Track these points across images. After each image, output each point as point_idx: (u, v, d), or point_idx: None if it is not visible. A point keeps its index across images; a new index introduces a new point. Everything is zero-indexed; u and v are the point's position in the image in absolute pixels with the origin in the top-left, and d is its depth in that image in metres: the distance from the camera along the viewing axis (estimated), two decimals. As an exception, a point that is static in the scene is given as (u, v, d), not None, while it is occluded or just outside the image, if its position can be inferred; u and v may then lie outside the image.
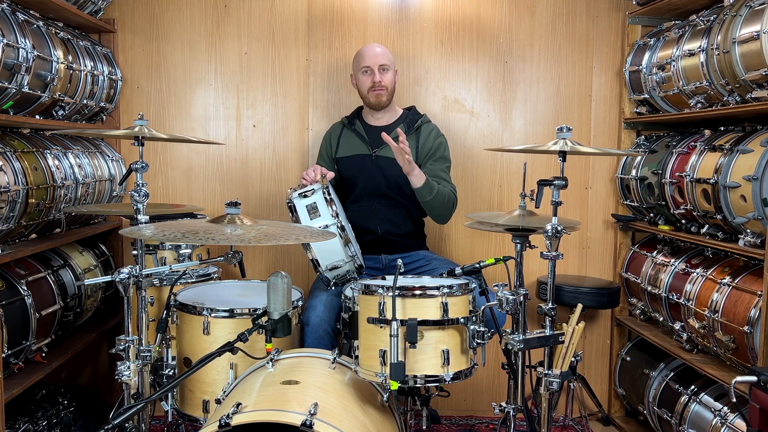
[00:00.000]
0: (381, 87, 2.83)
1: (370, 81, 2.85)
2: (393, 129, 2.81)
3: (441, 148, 2.90)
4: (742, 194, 2.22)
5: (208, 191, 3.32)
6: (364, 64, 2.85)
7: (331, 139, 3.00)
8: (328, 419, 1.71)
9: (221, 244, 1.81)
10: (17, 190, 2.28)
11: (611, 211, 3.34)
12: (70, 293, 2.69)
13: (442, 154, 2.90)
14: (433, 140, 2.89)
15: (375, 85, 2.84)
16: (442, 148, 2.90)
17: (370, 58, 2.84)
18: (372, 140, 2.89)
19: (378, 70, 2.83)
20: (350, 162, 2.90)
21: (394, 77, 2.89)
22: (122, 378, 1.96)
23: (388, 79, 2.85)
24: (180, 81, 3.28)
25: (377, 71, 2.83)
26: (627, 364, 3.19)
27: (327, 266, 2.38)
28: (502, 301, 2.05)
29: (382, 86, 2.84)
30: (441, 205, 2.74)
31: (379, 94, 2.85)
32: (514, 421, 2.28)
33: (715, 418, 2.39)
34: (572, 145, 2.03)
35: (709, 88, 2.51)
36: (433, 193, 2.67)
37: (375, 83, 2.83)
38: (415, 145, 2.86)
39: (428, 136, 2.90)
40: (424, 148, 2.87)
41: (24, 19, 2.38)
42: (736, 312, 2.26)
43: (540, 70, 3.30)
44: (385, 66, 2.84)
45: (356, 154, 2.90)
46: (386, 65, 2.85)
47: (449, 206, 2.78)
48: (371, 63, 2.83)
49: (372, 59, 2.84)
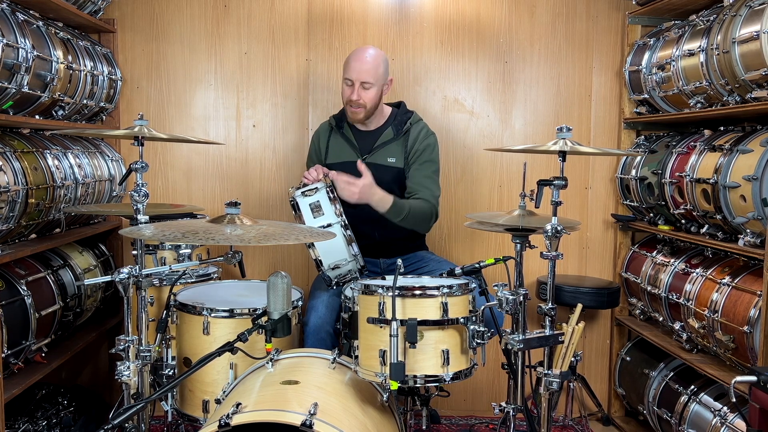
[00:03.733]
0: (358, 105, 2.67)
1: (347, 94, 2.68)
2: (382, 133, 2.80)
3: (428, 150, 2.77)
4: (741, 194, 2.22)
5: (208, 191, 3.32)
6: (346, 74, 2.68)
7: (319, 142, 2.89)
8: (328, 419, 1.71)
9: (221, 244, 1.81)
10: (17, 190, 2.28)
11: (611, 211, 3.34)
12: (70, 293, 2.69)
13: (428, 157, 2.76)
14: (421, 142, 2.77)
15: (351, 102, 2.67)
16: (429, 150, 2.78)
17: (354, 71, 2.65)
18: (362, 146, 2.79)
19: (359, 86, 2.64)
20: (340, 169, 2.65)
21: (378, 94, 2.70)
22: (122, 378, 1.96)
23: (368, 97, 2.66)
24: (180, 81, 3.28)
25: (357, 87, 2.64)
26: (627, 364, 3.19)
27: (329, 265, 2.37)
28: (502, 301, 2.05)
29: (360, 105, 2.67)
30: (415, 223, 2.64)
31: (355, 112, 2.70)
32: (514, 421, 2.28)
33: (714, 418, 2.39)
34: (572, 145, 2.03)
35: (708, 88, 2.51)
36: (402, 214, 2.56)
37: (351, 101, 2.67)
38: (403, 148, 2.76)
39: (416, 137, 2.78)
40: (411, 150, 2.76)
41: (24, 19, 2.38)
42: (735, 312, 2.26)
43: (540, 70, 3.30)
44: (367, 84, 2.65)
45: (346, 161, 2.75)
46: (369, 83, 2.65)
47: (425, 219, 2.67)
48: (354, 77, 2.65)
49: (356, 73, 2.64)
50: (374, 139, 2.80)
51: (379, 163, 2.73)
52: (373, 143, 2.79)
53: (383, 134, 2.80)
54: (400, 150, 2.77)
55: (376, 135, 2.78)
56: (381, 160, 2.74)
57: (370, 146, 2.79)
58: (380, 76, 2.70)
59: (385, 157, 2.75)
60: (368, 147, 2.78)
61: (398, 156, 2.76)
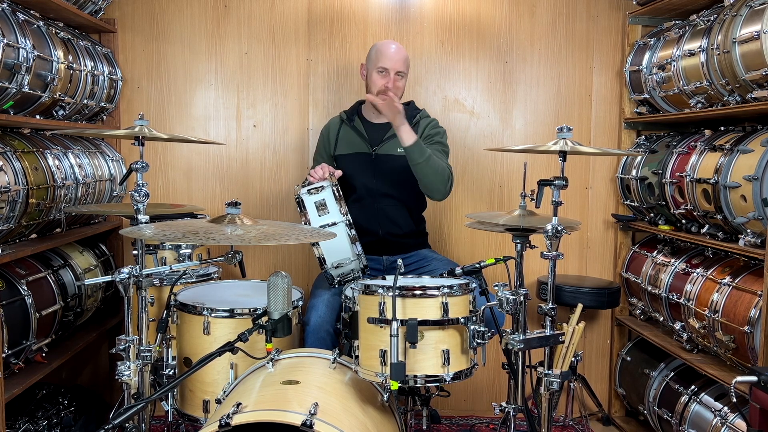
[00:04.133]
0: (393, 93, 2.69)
1: (382, 82, 2.74)
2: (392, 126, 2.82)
3: (439, 134, 2.84)
4: (742, 194, 2.22)
5: (209, 191, 3.32)
6: (381, 64, 2.74)
7: (329, 135, 2.94)
8: (328, 419, 1.71)
9: (221, 244, 1.81)
10: (17, 190, 2.28)
11: (611, 211, 3.34)
12: (70, 293, 2.69)
13: (440, 139, 2.83)
14: (432, 128, 2.84)
15: (386, 91, 2.69)
16: (440, 134, 2.84)
17: (391, 60, 2.73)
18: (372, 138, 2.86)
19: (394, 75, 2.74)
20: (350, 160, 2.86)
21: (404, 86, 2.82)
22: (122, 378, 1.96)
23: (400, 86, 2.78)
24: (180, 81, 3.28)
25: (393, 76, 2.74)
26: (627, 364, 3.19)
27: (333, 263, 2.39)
28: (503, 301, 2.05)
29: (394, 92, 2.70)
30: (433, 172, 2.61)
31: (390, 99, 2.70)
32: (514, 421, 2.27)
33: (715, 418, 2.39)
34: (572, 145, 2.03)
35: (709, 88, 2.50)
36: (424, 155, 2.57)
37: (387, 89, 2.70)
38: None
39: (426, 126, 2.85)
40: (422, 136, 2.79)
41: (24, 19, 2.38)
42: (736, 312, 2.26)
43: (540, 70, 3.30)
44: (402, 73, 2.77)
45: (356, 152, 2.85)
46: (403, 72, 2.77)
47: (443, 178, 2.65)
48: (390, 66, 2.73)
49: (392, 62, 2.73)
50: (384, 131, 2.84)
51: (390, 153, 2.79)
52: (383, 135, 2.84)
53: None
54: None
55: (386, 127, 2.80)
56: (392, 150, 2.80)
57: (380, 138, 2.84)
58: (408, 68, 2.84)
59: (396, 148, 2.78)
60: (379, 139, 2.83)
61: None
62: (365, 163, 2.84)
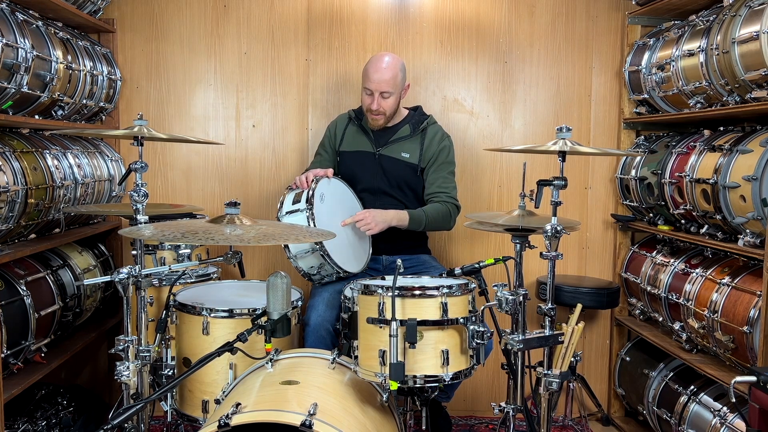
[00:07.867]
0: (378, 113, 2.79)
1: (368, 103, 2.79)
2: (399, 131, 2.90)
3: (444, 152, 2.89)
4: (741, 194, 2.22)
5: (208, 191, 3.32)
6: (366, 85, 2.78)
7: (336, 130, 2.98)
8: (328, 419, 1.71)
9: (221, 244, 1.81)
10: (16, 190, 2.27)
11: (611, 211, 3.34)
12: (69, 293, 2.69)
13: (445, 159, 2.89)
14: (438, 144, 2.88)
15: (372, 111, 2.78)
16: (445, 152, 2.89)
17: (375, 82, 2.74)
18: (377, 139, 2.90)
19: (378, 96, 2.75)
20: (353, 158, 2.90)
21: (397, 101, 2.82)
22: (121, 378, 1.96)
23: (387, 105, 2.77)
24: (179, 81, 3.27)
25: (377, 97, 2.75)
26: (626, 364, 3.19)
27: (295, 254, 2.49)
28: (502, 301, 2.05)
29: (379, 113, 2.78)
30: (437, 225, 2.81)
31: (375, 119, 2.82)
32: (513, 421, 2.28)
33: (714, 418, 2.39)
34: (572, 145, 2.03)
35: (708, 88, 2.50)
36: (422, 224, 2.75)
37: (372, 109, 2.78)
38: (419, 147, 2.87)
39: (432, 139, 2.88)
40: (428, 151, 2.87)
41: (23, 18, 2.38)
42: (735, 312, 2.26)
43: (540, 70, 3.30)
44: (386, 93, 2.75)
45: (360, 151, 2.90)
46: (389, 92, 2.75)
47: (446, 219, 2.82)
48: (373, 88, 2.75)
49: (376, 84, 2.74)
50: (391, 134, 2.90)
51: (393, 156, 2.86)
52: (389, 138, 2.90)
53: (400, 130, 2.91)
54: (415, 147, 2.87)
55: (393, 131, 2.90)
56: (395, 153, 2.86)
57: (386, 140, 2.90)
58: (398, 84, 2.80)
59: (399, 152, 2.86)
60: (384, 140, 2.89)
61: (413, 152, 2.87)
62: (368, 161, 2.88)
